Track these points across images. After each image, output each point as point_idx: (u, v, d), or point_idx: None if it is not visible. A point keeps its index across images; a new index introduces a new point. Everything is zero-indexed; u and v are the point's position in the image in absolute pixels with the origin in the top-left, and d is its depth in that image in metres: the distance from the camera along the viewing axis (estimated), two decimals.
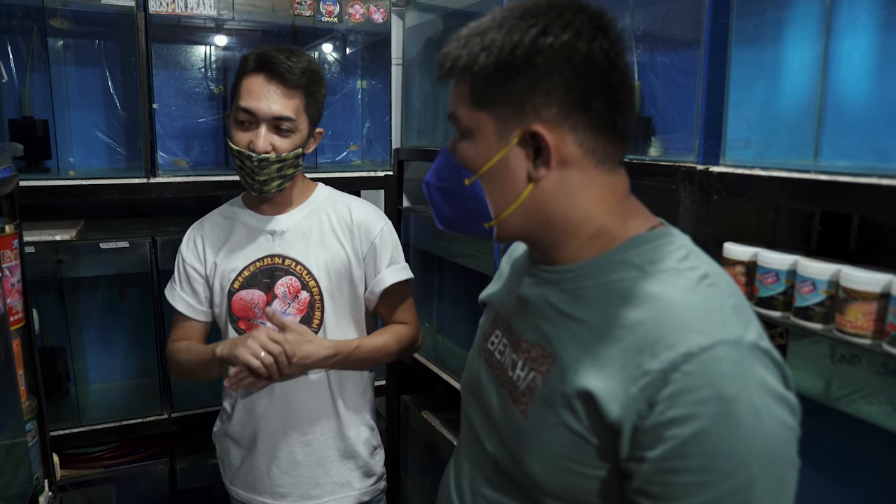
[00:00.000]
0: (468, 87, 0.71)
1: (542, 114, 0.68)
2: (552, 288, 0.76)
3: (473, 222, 0.76)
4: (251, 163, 1.20)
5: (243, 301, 1.29)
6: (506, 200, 0.72)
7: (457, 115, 0.73)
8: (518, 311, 0.81)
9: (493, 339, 0.86)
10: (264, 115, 1.20)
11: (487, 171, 0.72)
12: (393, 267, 1.35)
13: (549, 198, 0.71)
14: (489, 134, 0.71)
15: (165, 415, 1.66)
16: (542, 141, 0.68)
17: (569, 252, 0.74)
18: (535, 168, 0.70)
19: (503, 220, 0.74)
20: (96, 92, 1.63)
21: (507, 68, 0.68)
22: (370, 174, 1.74)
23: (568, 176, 0.71)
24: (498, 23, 0.69)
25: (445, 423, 2.00)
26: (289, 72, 1.20)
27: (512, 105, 0.69)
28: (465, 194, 0.74)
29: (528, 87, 0.68)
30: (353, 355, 1.27)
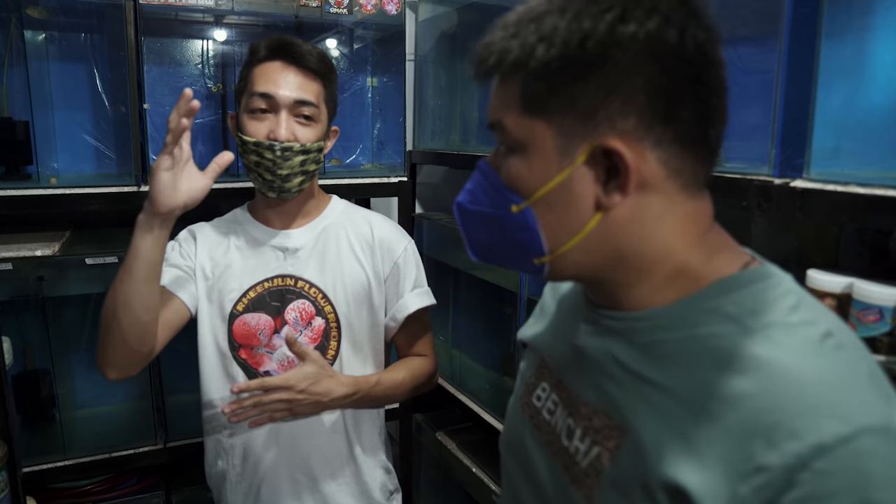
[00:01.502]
0: (519, 88, 0.56)
1: (619, 125, 0.53)
2: (618, 339, 0.61)
3: (520, 257, 0.62)
4: (273, 154, 1.06)
5: (247, 327, 1.14)
6: (566, 232, 0.58)
7: (503, 125, 0.58)
8: (573, 364, 0.67)
9: (540, 394, 0.72)
10: (285, 100, 1.07)
11: (544, 195, 0.57)
12: (417, 291, 1.21)
13: (621, 229, 0.57)
14: (547, 149, 0.56)
15: (160, 444, 1.52)
16: (618, 160, 0.54)
17: (640, 295, 0.60)
18: (605, 193, 0.55)
19: (560, 257, 0.59)
20: (82, 90, 1.48)
21: (575, 65, 0.53)
22: (382, 180, 1.59)
23: (646, 202, 0.56)
24: (559, 6, 0.54)
25: (462, 447, 1.86)
26: (309, 54, 1.09)
27: (579, 113, 0.54)
28: (510, 223, 0.60)
29: (602, 89, 0.53)
30: (373, 393, 1.12)
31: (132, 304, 0.97)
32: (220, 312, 1.15)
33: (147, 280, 0.97)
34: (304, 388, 1.02)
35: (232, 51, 1.57)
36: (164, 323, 1.08)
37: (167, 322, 1.09)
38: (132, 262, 0.96)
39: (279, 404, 1.01)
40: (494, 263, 0.67)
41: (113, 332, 0.99)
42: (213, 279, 1.15)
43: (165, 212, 0.94)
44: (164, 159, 0.92)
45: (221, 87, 1.57)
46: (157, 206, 0.93)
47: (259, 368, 1.15)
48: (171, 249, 1.18)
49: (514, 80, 0.57)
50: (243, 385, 1.00)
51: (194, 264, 1.16)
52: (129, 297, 0.97)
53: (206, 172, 0.97)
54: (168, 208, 0.93)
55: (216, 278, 1.15)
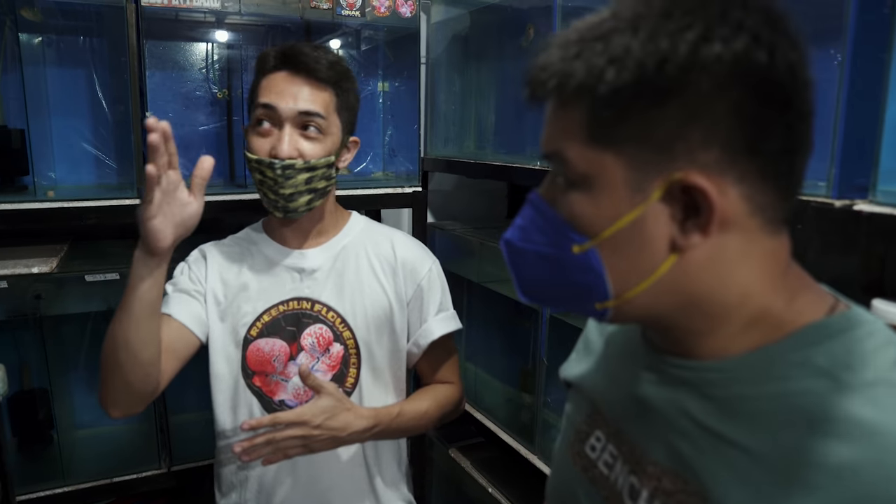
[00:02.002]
0: (584, 116, 0.49)
1: (700, 157, 0.47)
2: (690, 392, 0.54)
3: (579, 300, 0.55)
4: (273, 172, 0.99)
5: (261, 353, 1.07)
6: (635, 275, 0.51)
7: (564, 156, 0.51)
8: (636, 416, 0.60)
9: (594, 444, 0.65)
10: (288, 113, 0.99)
11: (611, 235, 0.50)
12: (442, 315, 1.14)
13: (697, 272, 0.50)
14: (616, 184, 0.49)
15: (163, 468, 1.45)
16: (700, 197, 0.47)
17: (715, 342, 0.53)
18: (682, 233, 0.49)
19: (626, 301, 0.53)
20: (80, 96, 1.41)
21: (651, 91, 0.46)
22: (396, 190, 1.52)
23: (725, 242, 0.49)
24: (629, 23, 0.48)
25: (476, 465, 1.80)
26: (315, 62, 1.00)
27: (655, 144, 0.47)
28: (570, 264, 0.53)
29: (682, 118, 0.46)
30: (394, 425, 1.05)
31: (133, 345, 0.91)
32: (233, 337, 1.08)
33: (147, 318, 0.91)
34: (320, 423, 0.95)
35: (238, 54, 1.50)
36: (171, 354, 1.02)
37: (174, 353, 1.03)
38: (131, 302, 0.90)
39: (293, 440, 0.94)
40: (548, 305, 0.61)
41: (114, 373, 0.93)
42: (226, 303, 1.08)
43: (161, 253, 0.88)
44: (150, 207, 0.85)
45: (227, 92, 1.49)
46: (154, 249, 0.87)
47: (274, 397, 1.08)
48: (179, 273, 1.12)
49: (577, 106, 0.50)
50: (254, 422, 0.93)
51: (205, 288, 1.09)
52: (130, 337, 0.91)
53: (192, 192, 0.90)
54: (166, 247, 0.88)
55: (229, 301, 1.08)
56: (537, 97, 0.54)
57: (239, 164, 1.52)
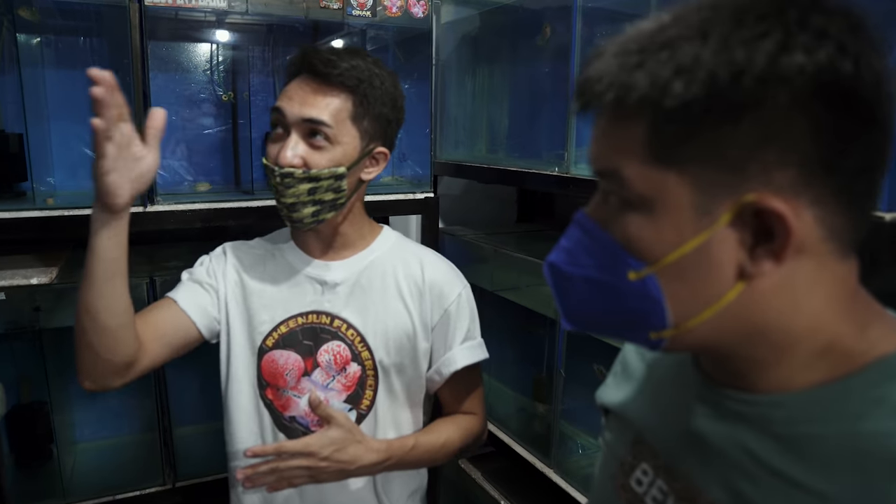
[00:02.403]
0: (646, 132, 0.45)
1: (775, 178, 0.43)
2: (751, 429, 0.50)
3: (632, 329, 0.51)
4: (274, 179, 0.95)
5: (275, 364, 1.03)
6: (697, 304, 0.47)
7: (620, 175, 0.47)
8: (691, 452, 0.56)
9: (640, 477, 0.61)
10: (292, 117, 0.94)
11: (674, 262, 0.46)
12: (468, 344, 1.08)
13: (765, 301, 0.46)
14: (681, 207, 0.45)
15: (168, 484, 1.40)
16: (774, 221, 0.43)
17: (779, 375, 0.49)
18: (752, 260, 0.45)
19: (687, 331, 0.48)
20: (80, 99, 1.34)
21: (724, 106, 0.42)
22: (408, 196, 1.47)
23: (797, 269, 0.45)
24: (697, 29, 0.43)
25: (487, 476, 1.75)
26: (328, 65, 0.94)
27: (725, 163, 0.43)
28: (625, 291, 0.49)
29: (757, 135, 0.42)
30: (408, 458, 1.01)
31: (95, 308, 0.87)
32: (249, 345, 1.03)
33: (110, 280, 0.87)
34: (328, 455, 0.90)
35: (244, 56, 1.45)
36: (161, 338, 0.98)
37: (165, 337, 0.98)
38: (91, 264, 0.86)
39: (299, 471, 0.90)
40: (595, 333, 0.56)
41: (80, 340, 0.90)
42: (244, 307, 1.04)
43: (121, 207, 0.84)
44: (103, 162, 0.80)
45: (232, 95, 1.44)
46: (111, 206, 0.83)
47: (285, 412, 1.04)
48: (199, 264, 1.08)
49: (637, 121, 0.46)
50: (258, 449, 0.89)
51: (221, 286, 1.05)
52: (92, 301, 0.87)
53: (147, 145, 0.84)
54: (123, 203, 0.83)
55: (247, 306, 1.04)
56: (590, 109, 0.49)
57: (244, 170, 1.47)
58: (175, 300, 1.01)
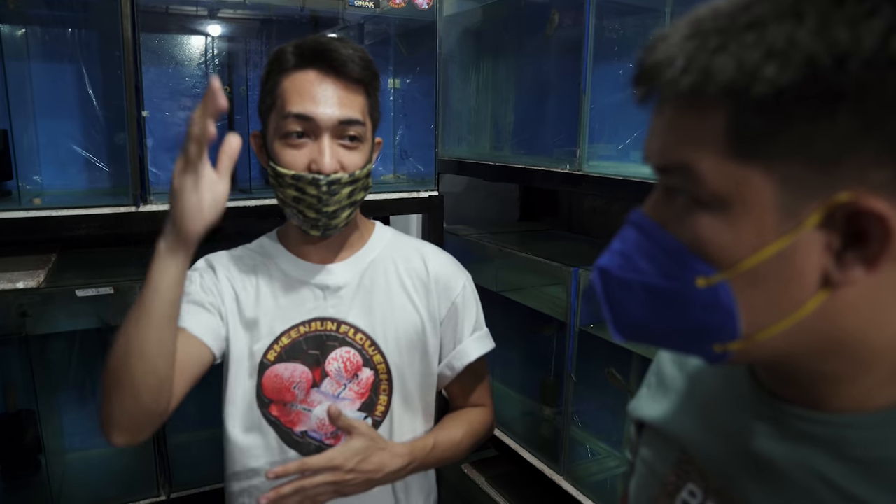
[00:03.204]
0: (727, 122, 0.40)
1: (871, 177, 0.38)
2: (824, 451, 0.46)
3: (695, 340, 0.46)
4: (318, 189, 0.88)
5: (279, 379, 0.97)
6: (772, 314, 0.42)
7: (693, 170, 0.42)
8: (751, 474, 0.51)
9: (687, 499, 0.56)
10: (328, 122, 0.88)
11: (753, 267, 0.41)
12: (477, 335, 1.05)
13: (849, 311, 0.42)
14: (764, 207, 0.40)
15: (162, 496, 1.34)
16: (872, 224, 0.38)
17: (854, 393, 0.45)
18: (839, 267, 0.40)
19: (758, 344, 0.44)
20: (69, 94, 1.30)
21: (823, 94, 0.37)
22: (412, 195, 1.42)
23: (885, 278, 0.41)
24: (790, 7, 0.38)
25: (492, 481, 1.71)
26: (351, 60, 0.89)
27: (816, 159, 0.38)
28: (690, 299, 0.44)
29: (856, 128, 0.37)
30: (429, 459, 0.96)
31: (149, 353, 0.78)
32: (248, 362, 0.97)
33: (168, 321, 0.79)
34: (353, 467, 0.86)
35: (240, 48, 1.39)
36: (183, 371, 0.88)
37: (186, 370, 0.88)
38: (152, 302, 0.77)
39: (324, 486, 0.85)
40: (650, 345, 0.51)
41: (123, 388, 0.79)
42: (240, 322, 0.98)
43: (195, 237, 0.77)
44: (188, 178, 0.74)
45: (228, 88, 1.39)
46: (186, 234, 0.76)
47: (294, 428, 0.98)
48: (189, 282, 0.98)
49: (717, 110, 0.41)
50: (280, 470, 0.83)
51: (220, 303, 0.98)
52: (146, 344, 0.78)
53: (219, 172, 0.78)
54: (198, 233, 0.77)
55: (243, 321, 0.98)
56: (656, 96, 0.44)
57: (242, 168, 1.41)
58: (185, 328, 0.92)
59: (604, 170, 1.23)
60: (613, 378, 1.37)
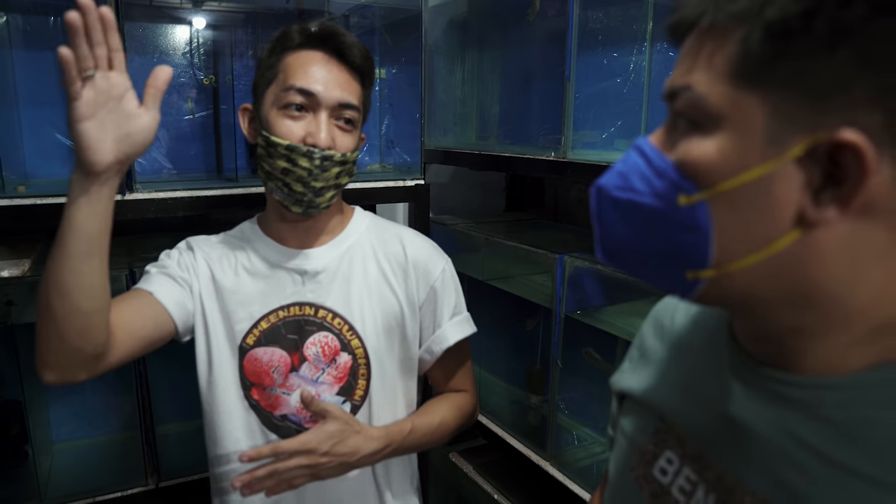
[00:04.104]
0: (735, 48, 0.42)
1: (860, 118, 0.39)
2: (800, 413, 0.47)
3: (669, 265, 0.47)
4: (310, 162, 0.89)
5: (259, 363, 0.98)
6: (745, 244, 0.44)
7: (696, 91, 0.44)
8: (726, 438, 0.52)
9: (665, 466, 0.58)
10: (329, 100, 0.91)
11: (730, 190, 0.43)
12: (457, 319, 1.05)
13: (824, 258, 0.43)
14: (752, 131, 0.42)
15: (151, 485, 1.34)
16: (850, 160, 0.40)
17: (827, 351, 0.46)
18: (815, 205, 0.41)
19: (727, 275, 0.45)
20: (52, 82, 1.29)
21: (829, 28, 0.39)
22: (398, 184, 1.43)
23: (868, 232, 0.42)
24: None
25: (479, 469, 1.72)
26: (354, 48, 0.93)
27: (809, 92, 0.40)
28: (671, 219, 0.45)
29: (854, 66, 0.39)
30: (407, 443, 0.97)
31: (68, 288, 0.77)
32: (229, 345, 0.98)
33: (87, 257, 0.77)
34: (328, 450, 0.87)
35: (226, 38, 1.39)
36: (134, 330, 0.89)
37: (137, 329, 0.89)
38: (66, 236, 0.76)
39: (299, 470, 0.86)
40: (628, 270, 0.53)
41: (47, 322, 0.79)
42: (218, 306, 0.98)
43: (102, 169, 0.73)
44: (78, 106, 0.70)
45: (213, 78, 1.38)
46: (90, 165, 0.72)
47: (274, 412, 0.99)
48: (167, 257, 1.01)
49: (729, 36, 0.43)
50: (253, 453, 0.83)
51: (195, 281, 0.99)
52: (66, 277, 0.77)
53: (145, 105, 0.75)
54: (104, 164, 0.73)
55: (221, 305, 0.98)
56: (684, 26, 0.47)
57: (227, 157, 1.41)
58: (150, 291, 0.93)
59: (588, 157, 1.25)
60: (592, 358, 1.39)
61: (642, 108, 1.23)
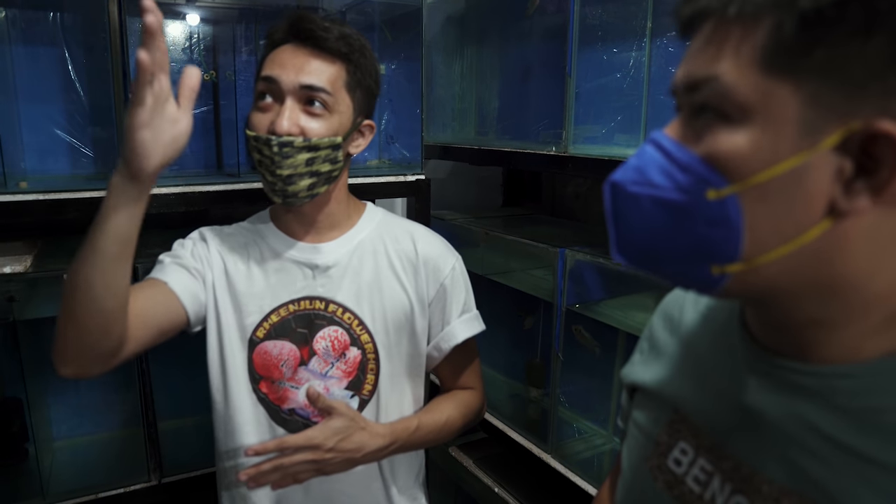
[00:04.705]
0: (767, 36, 0.42)
1: (893, 107, 0.40)
2: (814, 402, 0.48)
3: (694, 261, 0.47)
4: (270, 150, 0.89)
5: (268, 356, 0.98)
6: (776, 236, 0.43)
7: (723, 81, 0.43)
8: (742, 428, 0.53)
9: (679, 457, 0.58)
10: (290, 86, 0.90)
11: (764, 182, 0.42)
12: (465, 316, 1.06)
13: (850, 248, 0.43)
14: (786, 122, 0.42)
15: (154, 481, 1.34)
16: (885, 151, 0.40)
17: (845, 340, 0.47)
18: (846, 195, 0.42)
19: (755, 268, 0.45)
20: (52, 78, 1.28)
21: (864, 15, 0.39)
22: (399, 178, 1.43)
23: (886, 219, 0.43)
24: None
25: (479, 463, 1.74)
26: (324, 31, 0.91)
27: (845, 80, 0.40)
28: (698, 213, 0.45)
29: (887, 56, 0.39)
30: (412, 440, 0.98)
31: (96, 288, 0.77)
32: (240, 337, 0.98)
33: (117, 259, 0.78)
34: (333, 446, 0.87)
35: (227, 33, 1.38)
36: (147, 320, 0.89)
37: (151, 319, 0.90)
38: (100, 237, 0.76)
39: (304, 465, 0.87)
40: (647, 268, 0.51)
41: (71, 319, 0.79)
42: (230, 298, 0.99)
43: (148, 175, 0.74)
44: (141, 112, 0.71)
45: (214, 74, 1.38)
46: (138, 171, 0.73)
47: (282, 406, 0.99)
48: (180, 246, 1.01)
49: (758, 24, 0.42)
50: (259, 447, 0.84)
51: (208, 272, 0.99)
52: (94, 278, 0.77)
53: (181, 108, 0.76)
54: (152, 170, 0.74)
55: (233, 297, 0.99)
56: (703, 15, 0.46)
57: (228, 152, 1.41)
58: (165, 281, 0.94)
59: (589, 151, 1.26)
60: (581, 336, 1.40)
61: (642, 104, 1.24)
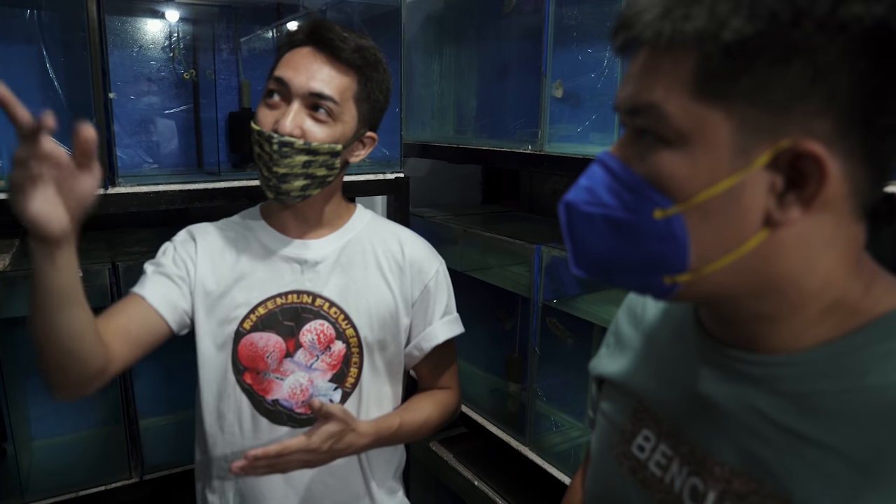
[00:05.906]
0: (695, 66, 0.45)
1: (815, 126, 0.43)
2: (759, 388, 0.51)
3: (647, 273, 0.51)
4: (270, 147, 0.92)
5: (254, 347, 1.00)
6: (718, 248, 0.47)
7: (662, 109, 0.47)
8: (697, 415, 0.57)
9: (642, 443, 0.62)
10: (298, 89, 0.93)
11: (704, 202, 0.46)
12: (447, 318, 1.09)
13: (785, 252, 0.47)
14: (720, 145, 0.45)
15: (135, 478, 1.35)
16: (810, 168, 0.44)
17: (786, 332, 0.50)
18: (780, 207, 0.45)
19: (703, 277, 0.48)
20: (30, 77, 1.28)
21: (782, 46, 0.42)
22: (378, 177, 1.45)
23: (818, 224, 0.47)
24: None
25: (460, 457, 1.76)
26: (341, 41, 0.94)
27: (771, 105, 0.44)
28: (646, 231, 0.48)
29: (806, 80, 0.43)
30: (393, 438, 1.01)
31: (55, 337, 0.78)
32: (224, 329, 1.00)
33: (64, 308, 0.76)
34: (328, 448, 0.90)
35: (206, 32, 1.39)
36: (131, 339, 0.92)
37: (134, 338, 0.93)
38: (40, 297, 0.75)
39: (296, 463, 0.90)
40: (605, 279, 0.55)
41: (45, 359, 0.81)
42: (218, 291, 1.00)
43: (58, 238, 0.70)
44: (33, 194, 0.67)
45: (194, 72, 1.39)
46: (47, 238, 0.70)
47: (266, 396, 1.01)
48: (162, 253, 1.03)
49: (688, 56, 0.45)
50: (259, 452, 0.85)
51: (191, 275, 1.01)
52: (49, 330, 0.78)
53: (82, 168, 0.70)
54: (60, 233, 0.70)
55: (220, 291, 1.00)
56: (636, 43, 0.48)
57: (208, 151, 1.42)
58: (143, 296, 0.96)
59: (565, 150, 1.29)
60: (555, 327, 1.44)
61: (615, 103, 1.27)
